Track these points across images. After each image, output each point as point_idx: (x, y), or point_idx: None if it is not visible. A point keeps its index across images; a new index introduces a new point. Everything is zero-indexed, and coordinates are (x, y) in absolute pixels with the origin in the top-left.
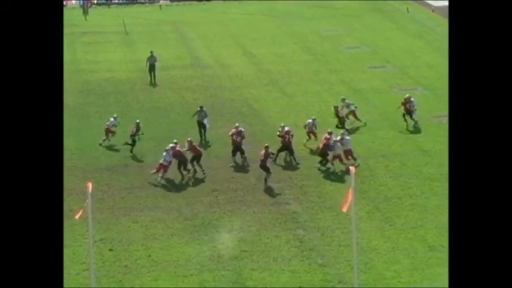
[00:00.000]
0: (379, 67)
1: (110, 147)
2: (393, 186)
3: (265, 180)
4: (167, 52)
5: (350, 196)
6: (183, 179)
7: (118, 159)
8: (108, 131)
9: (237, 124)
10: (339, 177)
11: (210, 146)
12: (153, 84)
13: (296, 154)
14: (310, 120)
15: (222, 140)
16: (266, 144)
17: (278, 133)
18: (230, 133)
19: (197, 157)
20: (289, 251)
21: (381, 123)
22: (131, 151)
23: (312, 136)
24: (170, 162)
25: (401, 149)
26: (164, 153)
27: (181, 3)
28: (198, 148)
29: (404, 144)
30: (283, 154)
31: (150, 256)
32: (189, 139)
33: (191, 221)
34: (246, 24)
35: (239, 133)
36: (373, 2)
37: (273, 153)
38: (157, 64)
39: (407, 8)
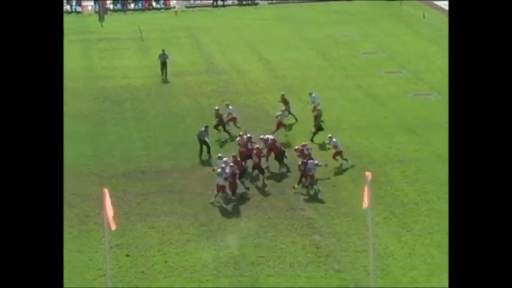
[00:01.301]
0: (395, 72)
1: (126, 154)
2: (410, 192)
3: (262, 181)
4: (182, 58)
5: (366, 194)
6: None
7: (134, 165)
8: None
9: (241, 132)
10: (355, 183)
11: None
12: (164, 80)
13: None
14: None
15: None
16: (257, 146)
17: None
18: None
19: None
20: (306, 256)
21: (397, 129)
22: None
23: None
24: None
25: (418, 154)
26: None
27: (196, 9)
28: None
29: (420, 150)
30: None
31: (166, 262)
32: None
33: (207, 226)
34: (260, 30)
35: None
36: (389, 8)
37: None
38: (168, 61)
39: (424, 14)
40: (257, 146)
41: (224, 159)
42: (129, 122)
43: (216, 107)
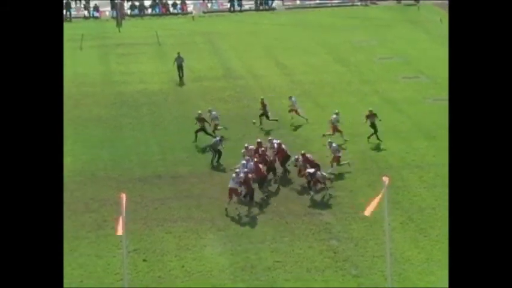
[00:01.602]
0: (412, 77)
1: (143, 159)
2: (427, 197)
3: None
4: (200, 63)
5: (375, 202)
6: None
7: (151, 170)
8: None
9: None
10: (372, 188)
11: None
12: (182, 83)
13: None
14: (334, 116)
15: None
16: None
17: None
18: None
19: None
20: (323, 261)
21: (415, 134)
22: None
23: (336, 132)
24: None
25: (436, 159)
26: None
27: (213, 14)
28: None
29: (438, 155)
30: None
31: (183, 266)
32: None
33: (224, 231)
34: (277, 35)
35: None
36: (406, 13)
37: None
38: (184, 64)
39: (441, 19)
40: (262, 149)
41: (243, 161)
42: (146, 127)
43: (199, 111)
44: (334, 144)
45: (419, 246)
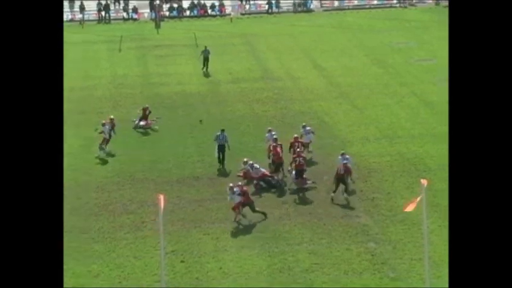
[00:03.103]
0: None
1: (181, 160)
2: None
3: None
4: (238, 65)
5: (415, 202)
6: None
7: (189, 171)
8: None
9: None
10: (410, 190)
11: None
12: (205, 74)
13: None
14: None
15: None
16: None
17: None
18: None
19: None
20: (360, 264)
21: None
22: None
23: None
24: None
25: None
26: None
27: (251, 16)
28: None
29: None
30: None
31: (221, 268)
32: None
33: (262, 233)
34: (315, 37)
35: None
36: (444, 14)
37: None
38: (210, 57)
39: None
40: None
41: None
42: (183, 128)
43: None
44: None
45: None
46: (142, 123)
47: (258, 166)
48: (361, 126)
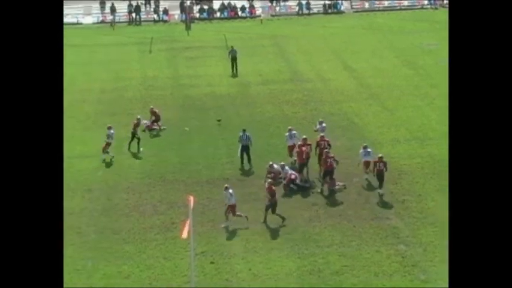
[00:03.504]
0: None
1: (211, 161)
2: None
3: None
4: (267, 66)
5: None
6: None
7: (219, 173)
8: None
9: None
10: (441, 193)
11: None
12: (234, 74)
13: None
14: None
15: None
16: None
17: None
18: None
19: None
20: (391, 266)
21: None
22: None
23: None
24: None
25: None
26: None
27: (281, 17)
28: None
29: None
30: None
31: (250, 269)
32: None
33: (291, 234)
34: (346, 38)
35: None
36: None
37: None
38: (238, 56)
39: None
40: (299, 142)
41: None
42: (213, 130)
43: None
44: (369, 149)
45: None
46: (148, 124)
47: (288, 168)
48: (392, 128)
